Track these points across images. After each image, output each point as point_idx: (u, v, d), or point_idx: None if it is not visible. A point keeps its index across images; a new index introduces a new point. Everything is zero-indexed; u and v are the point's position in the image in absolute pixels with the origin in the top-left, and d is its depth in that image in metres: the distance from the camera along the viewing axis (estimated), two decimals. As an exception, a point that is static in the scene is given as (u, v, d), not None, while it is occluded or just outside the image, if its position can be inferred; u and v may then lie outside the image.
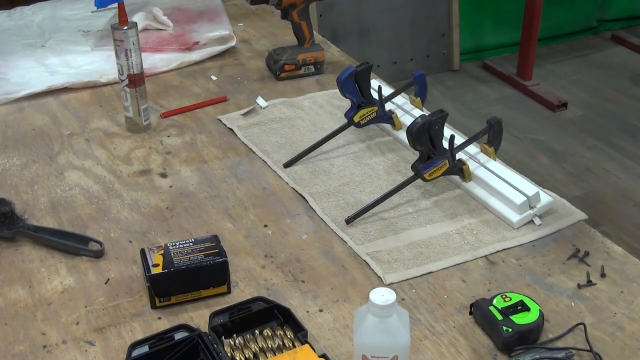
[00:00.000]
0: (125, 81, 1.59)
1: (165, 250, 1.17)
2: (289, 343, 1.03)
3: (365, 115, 1.52)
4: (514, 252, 1.26)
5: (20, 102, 1.78)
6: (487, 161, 1.42)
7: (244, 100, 1.77)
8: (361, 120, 1.52)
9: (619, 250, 1.26)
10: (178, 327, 1.06)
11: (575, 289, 1.17)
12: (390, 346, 0.93)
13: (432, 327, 1.11)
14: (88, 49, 2.02)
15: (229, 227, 1.34)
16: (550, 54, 4.32)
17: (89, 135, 1.64)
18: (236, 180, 1.47)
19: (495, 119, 1.40)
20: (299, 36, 1.86)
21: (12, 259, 1.26)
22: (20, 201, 1.40)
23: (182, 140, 1.62)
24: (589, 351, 1.04)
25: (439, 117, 1.32)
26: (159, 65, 1.93)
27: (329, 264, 1.24)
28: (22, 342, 1.09)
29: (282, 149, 1.56)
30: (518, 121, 3.64)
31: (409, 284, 1.19)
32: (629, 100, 3.88)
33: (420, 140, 1.31)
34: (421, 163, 1.34)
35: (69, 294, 1.18)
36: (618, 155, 3.35)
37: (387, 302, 0.90)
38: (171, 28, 2.10)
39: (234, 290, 1.18)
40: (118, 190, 1.44)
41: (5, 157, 1.56)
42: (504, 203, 1.34)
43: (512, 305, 1.07)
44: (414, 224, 1.33)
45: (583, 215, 1.34)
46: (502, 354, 1.05)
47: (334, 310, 1.14)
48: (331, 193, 1.42)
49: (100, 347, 1.08)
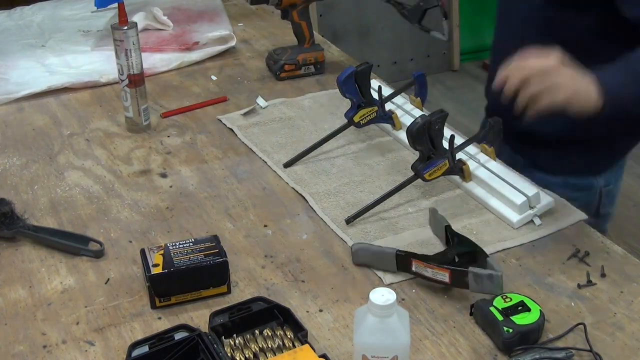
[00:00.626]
0: (125, 81, 1.59)
1: (165, 250, 1.17)
2: (289, 343, 1.03)
3: (365, 115, 1.52)
4: (514, 252, 1.26)
5: (20, 102, 1.78)
6: (487, 161, 1.42)
7: (244, 100, 1.77)
8: (361, 120, 1.52)
9: (619, 250, 1.26)
10: (178, 327, 1.06)
11: (575, 289, 1.17)
12: (390, 346, 0.93)
13: (432, 327, 1.11)
14: (88, 49, 2.02)
15: (229, 227, 1.34)
16: (550, 54, 4.32)
17: (89, 135, 1.64)
18: (236, 180, 1.47)
19: (495, 119, 1.40)
20: (299, 36, 1.86)
21: (12, 259, 1.26)
22: (20, 201, 1.40)
23: (182, 140, 1.62)
24: (589, 351, 1.04)
25: (439, 117, 1.31)
26: (159, 65, 1.93)
27: (329, 264, 1.24)
28: (22, 342, 1.09)
29: (282, 149, 1.56)
30: (518, 121, 3.64)
31: (409, 284, 1.19)
32: (629, 100, 3.88)
33: (420, 140, 1.31)
34: (421, 163, 1.34)
35: (69, 294, 1.18)
36: (618, 155, 3.35)
37: (387, 302, 0.90)
38: (171, 28, 2.10)
39: (234, 290, 1.18)
40: (118, 190, 1.44)
41: (5, 157, 1.56)
42: (504, 203, 1.34)
43: (512, 306, 1.07)
44: (414, 224, 1.33)
45: (583, 215, 1.34)
46: (502, 354, 1.05)
47: (334, 310, 1.14)
48: (331, 193, 1.42)
49: (100, 347, 1.08)
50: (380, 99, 1.54)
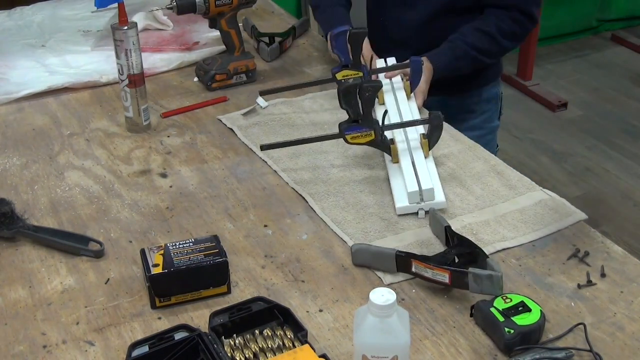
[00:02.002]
0: (125, 81, 1.59)
1: (165, 250, 1.17)
2: (289, 343, 1.03)
3: (348, 77, 1.53)
4: (514, 252, 1.26)
5: (20, 102, 1.78)
6: (416, 150, 1.45)
7: (244, 100, 1.77)
8: (343, 79, 1.51)
9: (619, 250, 1.26)
10: (178, 327, 1.06)
11: (575, 289, 1.17)
12: (390, 346, 0.93)
13: (432, 327, 1.11)
14: (88, 49, 2.02)
15: (229, 227, 1.34)
16: (550, 54, 4.32)
17: (89, 135, 1.64)
18: (236, 180, 1.47)
19: (436, 113, 1.44)
20: (229, 45, 1.82)
21: (12, 259, 1.26)
22: (20, 201, 1.40)
23: (182, 140, 1.62)
24: (589, 351, 1.04)
25: (371, 85, 1.37)
26: (159, 65, 1.93)
27: (329, 264, 1.24)
28: (22, 342, 1.09)
29: (282, 149, 1.56)
30: (518, 121, 3.64)
31: (409, 284, 1.19)
32: (629, 100, 3.89)
33: (348, 100, 1.36)
34: (346, 123, 1.38)
35: (69, 294, 1.18)
36: (618, 155, 3.35)
37: (387, 302, 0.90)
38: (171, 28, 2.10)
39: (234, 290, 1.18)
40: (118, 190, 1.44)
41: (5, 157, 1.56)
42: (401, 187, 1.37)
43: (513, 307, 1.07)
44: (413, 224, 1.33)
45: (583, 215, 1.34)
46: (502, 354, 1.05)
47: (334, 310, 1.14)
48: (331, 193, 1.42)
49: (100, 347, 1.08)
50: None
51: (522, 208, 1.36)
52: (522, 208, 1.36)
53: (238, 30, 1.82)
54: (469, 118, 1.92)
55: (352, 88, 1.34)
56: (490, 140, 1.96)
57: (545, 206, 1.36)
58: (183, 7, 1.71)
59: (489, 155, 1.53)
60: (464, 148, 1.55)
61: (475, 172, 1.47)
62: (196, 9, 1.73)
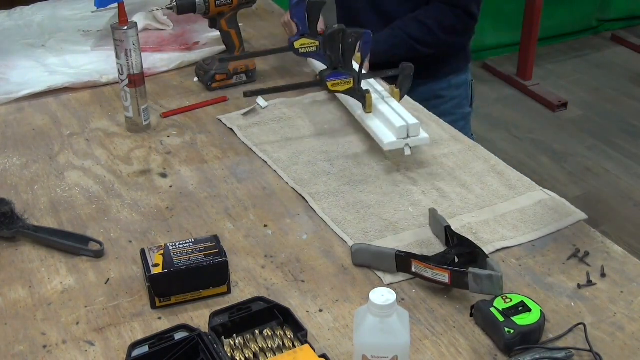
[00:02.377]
0: (125, 81, 1.59)
1: (165, 250, 1.17)
2: (289, 343, 1.03)
3: (305, 45, 1.56)
4: (514, 252, 1.26)
5: (20, 102, 1.78)
6: (389, 98, 1.53)
7: (244, 100, 1.77)
8: (300, 48, 1.56)
9: (619, 250, 1.26)
10: (178, 327, 1.06)
11: (575, 289, 1.17)
12: (390, 346, 0.93)
13: (432, 327, 1.11)
14: (88, 49, 2.02)
15: (229, 227, 1.34)
16: (550, 54, 4.32)
17: (89, 135, 1.64)
18: (236, 180, 1.47)
19: (406, 64, 1.53)
20: (229, 45, 1.82)
21: (12, 259, 1.26)
22: (20, 201, 1.40)
23: (182, 140, 1.62)
24: (589, 351, 1.04)
25: (355, 32, 1.47)
26: (159, 65, 1.93)
27: (329, 264, 1.24)
28: (22, 342, 1.09)
29: (282, 148, 1.56)
30: (518, 121, 3.65)
31: (409, 284, 1.19)
32: (629, 100, 3.89)
33: (332, 46, 1.47)
34: (328, 70, 1.47)
35: (69, 294, 1.18)
36: (618, 155, 3.35)
37: (387, 302, 0.90)
38: (171, 28, 2.10)
39: (234, 290, 1.18)
40: (118, 190, 1.44)
41: (5, 157, 1.56)
42: (384, 125, 1.44)
43: (513, 307, 1.07)
44: (413, 224, 1.33)
45: (583, 215, 1.34)
46: (502, 354, 1.05)
47: (334, 310, 1.14)
48: (331, 193, 1.42)
49: (100, 347, 1.08)
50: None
51: (522, 208, 1.36)
52: (522, 208, 1.36)
53: (238, 30, 1.82)
54: (438, 104, 1.98)
55: (337, 33, 1.43)
56: (464, 126, 2.02)
57: (545, 206, 1.37)
58: (183, 7, 1.72)
59: (489, 155, 1.53)
60: (464, 148, 1.55)
61: (475, 172, 1.47)
62: (196, 9, 1.73)
